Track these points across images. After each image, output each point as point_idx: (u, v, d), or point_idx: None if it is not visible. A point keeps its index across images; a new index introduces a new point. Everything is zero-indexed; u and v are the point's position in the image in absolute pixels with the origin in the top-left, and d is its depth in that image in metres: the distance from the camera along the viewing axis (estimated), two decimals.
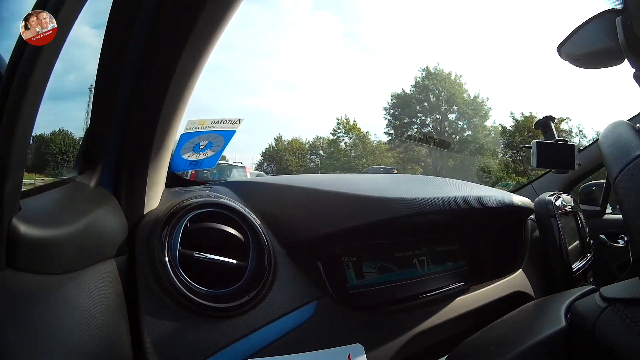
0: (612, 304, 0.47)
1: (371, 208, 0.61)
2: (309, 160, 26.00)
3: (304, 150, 26.30)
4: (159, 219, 0.51)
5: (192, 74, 0.48)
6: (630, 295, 0.46)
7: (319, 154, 25.98)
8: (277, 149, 26.02)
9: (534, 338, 0.50)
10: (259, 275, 0.52)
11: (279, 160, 25.49)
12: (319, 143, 26.39)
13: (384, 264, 0.69)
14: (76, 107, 18.53)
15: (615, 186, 0.46)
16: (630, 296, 0.46)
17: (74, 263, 0.38)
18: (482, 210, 0.74)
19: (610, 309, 0.46)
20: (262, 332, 0.48)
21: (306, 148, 26.62)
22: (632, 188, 0.43)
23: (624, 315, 0.44)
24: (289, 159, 25.38)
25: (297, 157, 25.55)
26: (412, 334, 0.61)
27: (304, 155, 25.96)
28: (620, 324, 0.44)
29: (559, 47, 0.67)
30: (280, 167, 24.99)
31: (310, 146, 26.76)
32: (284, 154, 25.54)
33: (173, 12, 0.43)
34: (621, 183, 0.44)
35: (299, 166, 24.86)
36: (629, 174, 0.44)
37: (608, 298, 0.48)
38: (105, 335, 0.37)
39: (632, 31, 0.51)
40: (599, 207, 1.52)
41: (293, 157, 25.52)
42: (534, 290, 0.87)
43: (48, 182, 0.49)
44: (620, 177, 0.45)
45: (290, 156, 25.61)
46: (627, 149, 0.46)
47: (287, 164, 24.72)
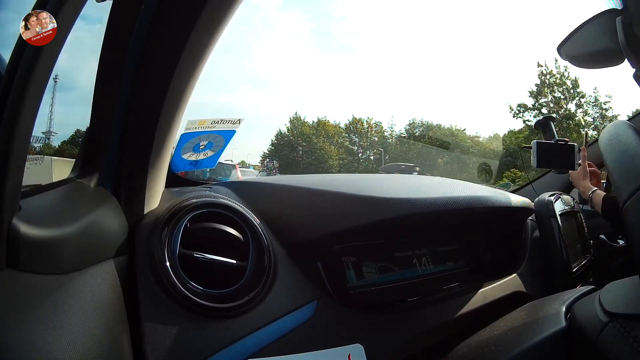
0: (613, 318, 0.45)
1: (371, 208, 0.61)
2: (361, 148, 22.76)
3: (340, 134, 22.86)
4: (159, 219, 0.51)
5: (192, 73, 0.48)
6: (632, 309, 0.44)
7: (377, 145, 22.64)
8: (293, 133, 22.34)
9: (534, 338, 0.49)
10: (259, 275, 0.52)
11: (290, 151, 22.09)
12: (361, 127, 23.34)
13: (384, 264, 0.69)
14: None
15: (624, 212, 0.43)
16: (632, 312, 0.44)
17: (74, 263, 0.38)
18: (482, 211, 0.74)
19: (611, 325, 0.45)
20: (262, 332, 0.48)
21: (343, 132, 23.63)
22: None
23: (626, 332, 0.43)
24: (323, 145, 22.02)
25: (334, 145, 21.95)
26: (412, 334, 0.61)
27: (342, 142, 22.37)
28: (623, 344, 0.42)
29: (559, 47, 0.67)
30: (294, 158, 21.69)
31: (347, 130, 23.51)
32: (314, 140, 21.77)
33: (173, 12, 0.43)
34: (631, 209, 0.42)
35: (339, 159, 21.63)
36: (639, 200, 0.41)
37: (609, 312, 0.46)
38: (105, 335, 0.37)
39: (632, 31, 0.51)
40: None
41: (327, 143, 21.93)
42: (534, 290, 0.87)
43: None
44: (630, 203, 0.42)
45: (324, 142, 21.94)
46: (636, 170, 0.43)
47: (315, 154, 21.25)
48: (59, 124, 4.42)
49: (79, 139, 0.90)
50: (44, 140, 1.81)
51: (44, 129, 3.40)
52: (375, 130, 26.15)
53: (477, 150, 22.98)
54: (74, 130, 1.49)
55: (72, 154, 1.25)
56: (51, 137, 4.58)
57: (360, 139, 25.76)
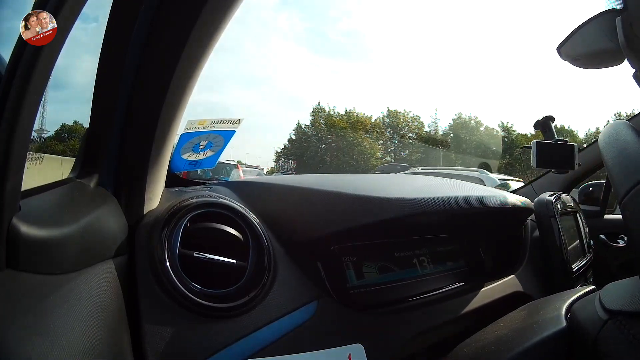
0: (613, 316, 0.45)
1: (371, 208, 0.61)
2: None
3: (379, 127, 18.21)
4: (159, 219, 0.51)
5: (192, 73, 0.48)
6: (632, 306, 0.44)
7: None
8: (318, 127, 17.93)
9: (534, 338, 0.49)
10: (258, 275, 0.52)
11: (315, 149, 17.82)
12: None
13: (384, 264, 0.69)
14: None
15: (622, 207, 0.44)
16: (631, 309, 0.44)
17: (74, 263, 0.38)
18: (482, 211, 0.74)
19: (611, 322, 0.45)
20: (262, 332, 0.48)
21: (381, 126, 18.89)
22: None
23: (625, 330, 0.43)
24: (362, 141, 17.51)
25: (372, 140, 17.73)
26: (412, 334, 0.61)
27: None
28: (622, 341, 0.42)
29: (559, 47, 0.66)
30: (322, 157, 17.29)
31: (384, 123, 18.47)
32: (350, 134, 17.39)
33: (173, 12, 0.43)
34: (629, 205, 0.42)
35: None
36: (637, 195, 0.42)
37: (609, 310, 0.46)
38: (105, 335, 0.37)
39: (632, 31, 0.51)
40: (599, 207, 1.52)
41: (368, 139, 17.85)
42: (534, 290, 0.87)
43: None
44: (628, 198, 0.43)
45: (364, 137, 17.66)
46: (634, 166, 0.44)
47: (354, 152, 16.86)
48: (51, 122, 4.41)
49: (64, 134, 0.90)
50: (39, 139, 1.80)
51: (36, 127, 3.41)
52: (415, 125, 22.41)
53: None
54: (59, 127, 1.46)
55: (55, 151, 1.23)
56: (43, 136, 4.59)
57: (398, 134, 21.96)
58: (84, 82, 0.60)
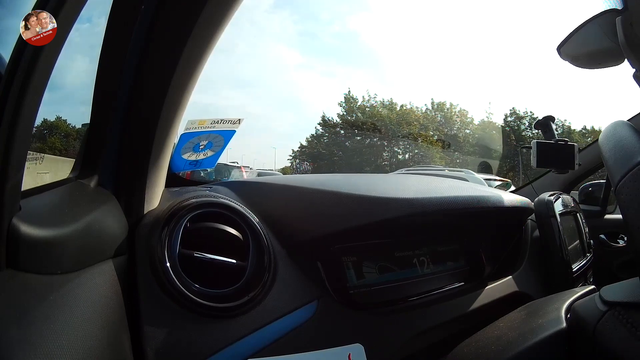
0: (612, 307, 0.46)
1: (371, 208, 0.61)
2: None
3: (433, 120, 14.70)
4: (159, 219, 0.51)
5: (193, 73, 0.48)
6: (630, 298, 0.45)
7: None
8: (352, 120, 14.09)
9: (534, 338, 0.49)
10: (258, 275, 0.52)
11: (348, 145, 14.30)
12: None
13: (384, 264, 0.69)
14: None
15: (617, 192, 0.45)
16: (630, 300, 0.45)
17: (74, 263, 0.38)
18: (482, 211, 0.74)
19: (610, 313, 0.46)
20: (262, 332, 0.48)
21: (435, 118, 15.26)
22: (634, 194, 0.42)
23: (624, 319, 0.44)
24: (417, 136, 14.35)
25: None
26: (412, 334, 0.61)
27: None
28: (620, 329, 0.43)
29: (559, 47, 0.66)
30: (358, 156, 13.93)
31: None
32: (405, 127, 14.00)
33: (173, 12, 0.43)
34: (623, 189, 0.44)
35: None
36: (631, 180, 0.43)
37: (608, 301, 0.47)
38: (105, 335, 0.37)
39: (632, 31, 0.51)
40: (599, 207, 1.52)
41: (423, 134, 15.05)
42: (534, 290, 0.87)
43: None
44: (623, 183, 0.44)
45: (419, 132, 14.77)
46: (629, 154, 0.45)
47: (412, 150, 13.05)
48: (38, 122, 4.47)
49: (45, 131, 0.90)
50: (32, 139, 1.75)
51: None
52: (467, 121, 18.90)
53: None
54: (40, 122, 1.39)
55: (35, 148, 1.20)
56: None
57: (449, 129, 18.27)
58: (78, 83, 0.60)
